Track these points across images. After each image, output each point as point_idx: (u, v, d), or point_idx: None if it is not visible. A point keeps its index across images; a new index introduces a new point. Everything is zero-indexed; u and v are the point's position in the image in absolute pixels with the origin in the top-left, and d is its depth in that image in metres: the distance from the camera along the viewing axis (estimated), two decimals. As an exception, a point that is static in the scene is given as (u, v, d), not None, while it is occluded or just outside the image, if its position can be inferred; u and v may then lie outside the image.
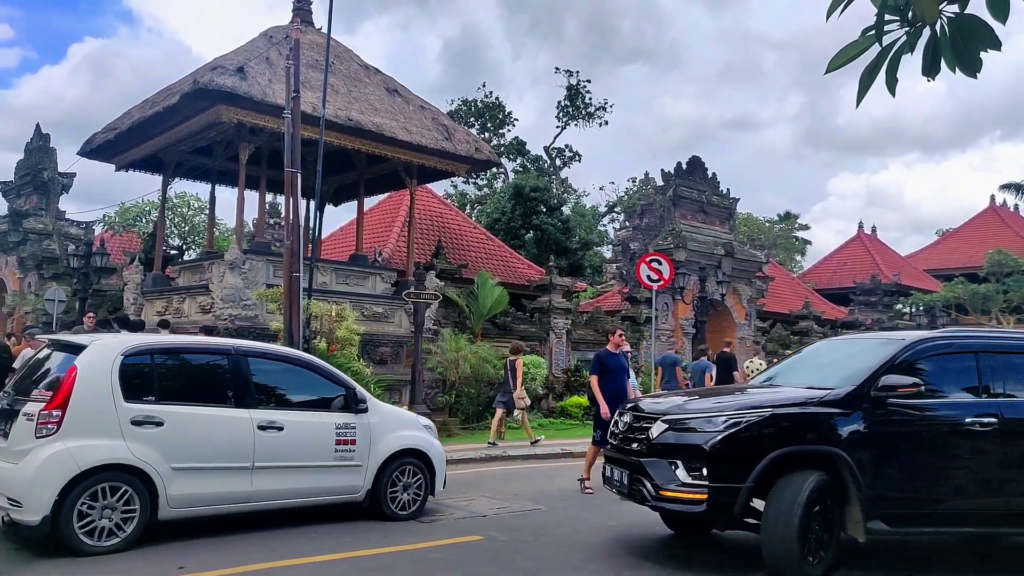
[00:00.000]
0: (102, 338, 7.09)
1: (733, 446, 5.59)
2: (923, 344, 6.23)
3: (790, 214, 57.21)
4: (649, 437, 6.01)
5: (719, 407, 5.98)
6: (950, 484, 5.90)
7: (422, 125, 17.93)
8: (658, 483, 5.80)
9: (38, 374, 6.73)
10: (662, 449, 5.89)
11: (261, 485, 6.87)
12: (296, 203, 11.85)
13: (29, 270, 22.82)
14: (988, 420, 5.91)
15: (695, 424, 5.85)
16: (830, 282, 41.20)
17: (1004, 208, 48.55)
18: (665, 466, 5.80)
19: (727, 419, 5.70)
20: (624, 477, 6.23)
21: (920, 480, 5.84)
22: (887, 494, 5.71)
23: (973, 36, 2.78)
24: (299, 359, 7.82)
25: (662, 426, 5.98)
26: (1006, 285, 35.60)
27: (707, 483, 5.57)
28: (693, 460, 5.66)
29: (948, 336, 6.50)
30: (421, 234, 22.49)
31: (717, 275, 25.25)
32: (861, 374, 5.96)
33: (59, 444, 5.99)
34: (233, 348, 7.21)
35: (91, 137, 18.29)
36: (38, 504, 5.86)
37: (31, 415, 6.12)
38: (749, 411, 5.76)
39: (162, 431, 6.38)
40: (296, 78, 11.92)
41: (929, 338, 6.37)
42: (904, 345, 6.19)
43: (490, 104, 45.94)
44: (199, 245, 28.03)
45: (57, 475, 5.93)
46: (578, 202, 46.81)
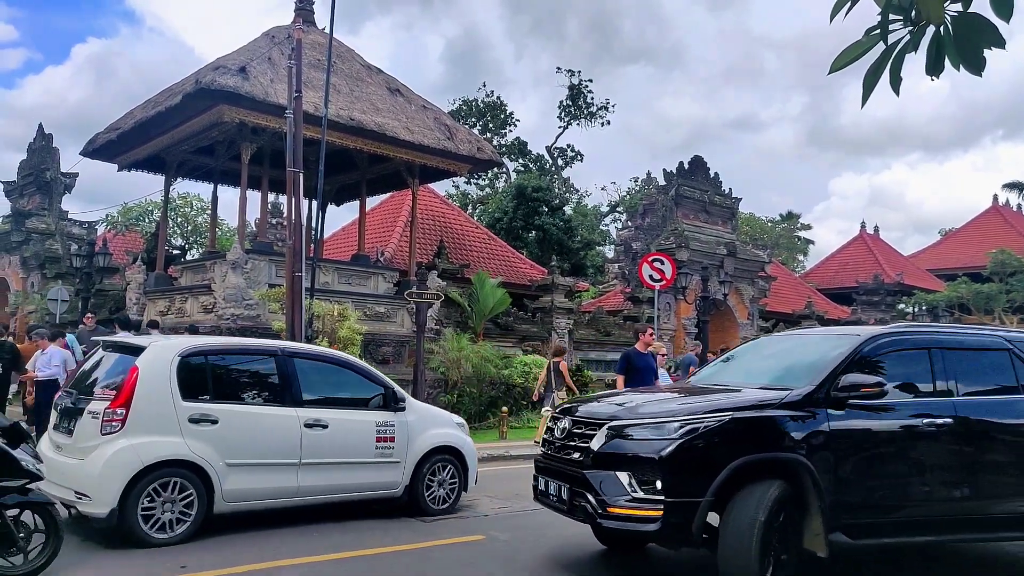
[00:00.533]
0: (160, 339, 7.49)
1: (690, 455, 5.04)
2: (879, 340, 5.87)
3: (792, 214, 57.20)
4: (594, 445, 5.38)
5: (673, 411, 5.36)
6: (911, 490, 5.60)
7: (424, 125, 17.93)
8: (604, 498, 5.18)
9: (97, 374, 6.97)
10: (608, 459, 5.26)
11: (307, 481, 7.10)
12: (298, 203, 11.85)
13: (32, 270, 22.85)
14: (943, 421, 5.62)
15: (646, 431, 5.23)
16: (832, 282, 41.14)
17: (1007, 207, 48.48)
18: (612, 479, 5.17)
19: (682, 425, 5.12)
20: (563, 491, 5.59)
21: (881, 487, 5.49)
22: (848, 503, 5.33)
23: (977, 34, 2.77)
24: (341, 359, 8.05)
25: (608, 433, 5.36)
26: (1009, 285, 35.54)
27: (662, 498, 4.98)
28: (645, 472, 5.07)
29: (901, 332, 6.15)
30: (423, 234, 22.50)
31: (719, 275, 25.22)
32: (818, 373, 5.54)
33: (124, 441, 6.26)
34: (280, 349, 7.48)
35: (93, 137, 18.31)
36: (106, 497, 6.12)
37: (96, 413, 6.38)
38: (707, 415, 5.18)
39: (217, 428, 6.63)
40: (298, 78, 11.93)
41: (884, 334, 5.98)
42: (861, 341, 5.81)
43: (492, 104, 45.94)
44: (201, 245, 28.06)
45: (123, 470, 6.21)
46: (580, 202, 46.79)
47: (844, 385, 5.39)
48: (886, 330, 6.11)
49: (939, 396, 5.75)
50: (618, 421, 5.40)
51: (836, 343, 5.98)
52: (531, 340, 20.63)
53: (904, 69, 2.95)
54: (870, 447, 5.51)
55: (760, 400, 5.42)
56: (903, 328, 6.34)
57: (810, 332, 7.66)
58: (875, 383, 5.42)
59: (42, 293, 21.11)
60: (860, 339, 5.84)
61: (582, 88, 46.14)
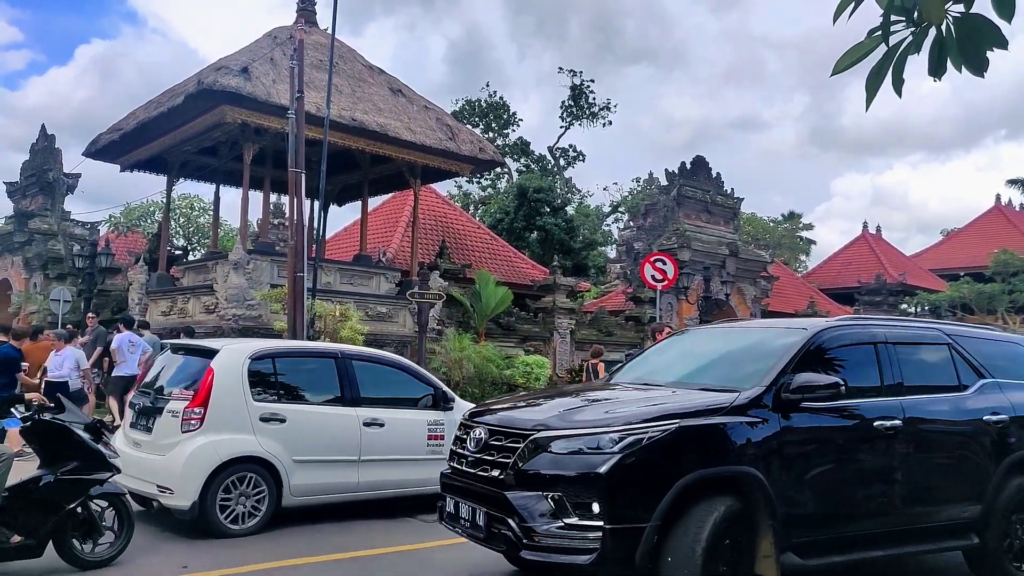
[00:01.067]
0: (231, 343, 7.93)
1: (633, 472, 4.33)
2: (829, 334, 5.37)
3: (794, 214, 57.13)
4: (518, 461, 4.58)
5: (611, 418, 4.59)
6: (864, 501, 5.14)
7: (426, 125, 17.94)
8: (530, 525, 4.37)
9: (171, 376, 7.41)
10: (534, 478, 4.48)
11: (366, 477, 7.48)
12: (300, 203, 11.87)
13: (34, 270, 22.88)
14: (894, 423, 5.18)
15: (580, 443, 4.45)
16: (835, 282, 41.09)
17: (1009, 207, 48.41)
18: (540, 501, 4.40)
19: (623, 435, 4.39)
20: (478, 515, 4.77)
21: (834, 499, 4.99)
22: (800, 519, 4.80)
23: (979, 35, 2.77)
24: (394, 361, 8.43)
25: (533, 445, 4.56)
26: (1012, 285, 35.50)
27: (600, 524, 4.24)
28: (580, 493, 4.32)
29: (850, 324, 5.70)
30: (425, 234, 22.50)
31: (721, 275, 25.20)
32: (767, 372, 4.95)
33: (202, 438, 6.64)
34: (339, 352, 7.90)
35: (96, 138, 18.34)
36: (188, 491, 6.50)
37: (176, 412, 6.80)
38: (651, 424, 4.45)
39: (285, 427, 7.01)
40: (300, 78, 11.94)
41: (834, 327, 5.50)
42: (810, 335, 5.26)
43: (494, 104, 45.96)
44: (203, 245, 28.09)
45: (203, 465, 6.57)
46: (582, 202, 46.81)
47: (797, 386, 4.81)
48: (835, 323, 5.65)
49: (889, 395, 5.34)
50: (546, 431, 4.58)
51: (783, 337, 5.39)
52: (533, 340, 20.62)
53: (906, 70, 2.95)
54: (825, 455, 5.00)
55: (708, 405, 4.73)
56: (851, 320, 5.89)
57: (751, 324, 7.16)
58: (831, 383, 4.83)
59: (44, 294, 21.14)
60: (809, 333, 5.29)
61: (584, 88, 46.18)
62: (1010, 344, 6.56)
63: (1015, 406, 5.84)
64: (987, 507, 5.55)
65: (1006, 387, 5.97)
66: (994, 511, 5.58)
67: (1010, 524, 5.72)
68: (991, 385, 5.89)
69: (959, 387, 5.76)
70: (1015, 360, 6.35)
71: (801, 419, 4.85)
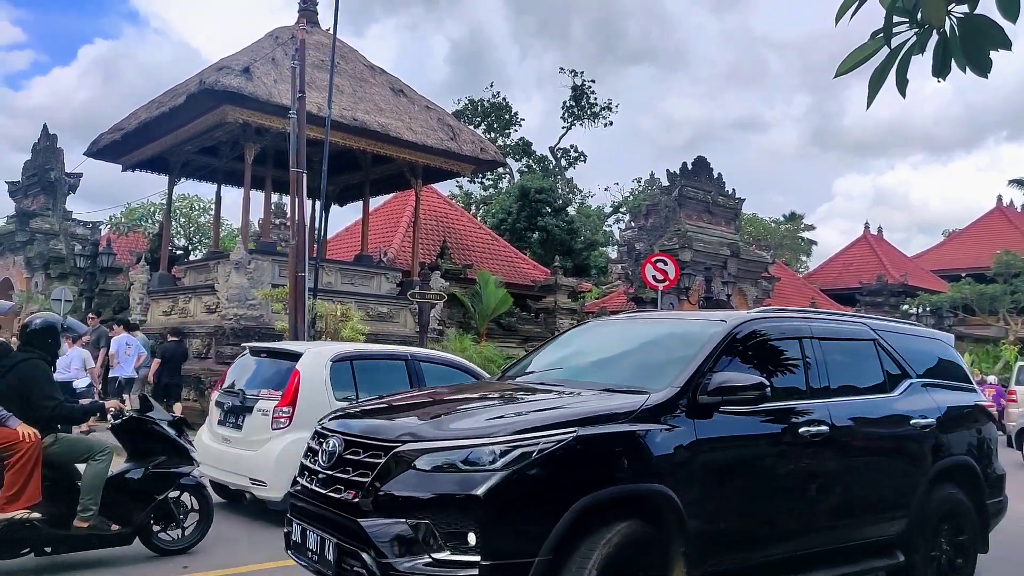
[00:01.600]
0: (312, 347, 8.31)
1: (521, 493, 3.54)
2: (750, 327, 4.73)
3: (796, 215, 57.09)
4: (376, 479, 3.70)
5: (495, 427, 3.72)
6: (789, 519, 4.55)
7: (427, 125, 17.93)
8: (390, 561, 3.53)
9: (257, 377, 7.82)
10: (399, 501, 3.61)
11: None
12: (302, 203, 11.86)
13: (36, 270, 22.89)
14: (821, 428, 4.59)
15: (457, 455, 3.59)
16: (836, 283, 41.07)
17: (1011, 208, 48.40)
18: (403, 531, 3.54)
19: (508, 448, 3.56)
20: (328, 547, 3.87)
21: (756, 518, 4.38)
22: (717, 544, 4.16)
23: (983, 36, 2.76)
24: (456, 363, 8.73)
25: (399, 460, 3.69)
26: (1013, 286, 35.48)
27: (477, 559, 3.43)
28: (453, 520, 3.49)
29: (774, 317, 5.05)
30: (426, 234, 22.50)
31: (723, 275, 25.20)
32: (681, 371, 4.26)
33: (292, 435, 6.94)
34: (409, 355, 8.34)
35: (98, 138, 18.35)
36: (280, 484, 6.55)
37: (266, 411, 7.23)
38: (542, 433, 3.63)
39: None
40: (302, 78, 11.94)
41: (756, 319, 4.86)
42: (729, 329, 4.59)
43: (496, 104, 45.97)
44: (205, 245, 28.10)
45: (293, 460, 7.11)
46: (583, 202, 46.84)
47: (715, 387, 4.14)
48: (757, 315, 4.98)
49: (816, 398, 4.74)
50: (412, 442, 3.73)
51: (699, 331, 4.70)
52: (534, 341, 20.62)
53: (909, 70, 2.95)
54: (746, 468, 4.36)
55: (611, 409, 3.96)
56: (774, 312, 5.22)
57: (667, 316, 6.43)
58: (755, 384, 4.15)
59: (46, 293, 21.15)
60: (728, 326, 4.62)
61: (585, 89, 46.19)
62: (933, 340, 6.13)
63: (942, 408, 5.41)
64: (913, 520, 5.06)
65: (932, 387, 5.52)
66: (920, 525, 5.10)
67: (936, 538, 5.24)
68: (918, 386, 5.43)
69: (886, 388, 5.24)
70: (939, 358, 5.96)
71: (719, 426, 4.16)
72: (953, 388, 5.73)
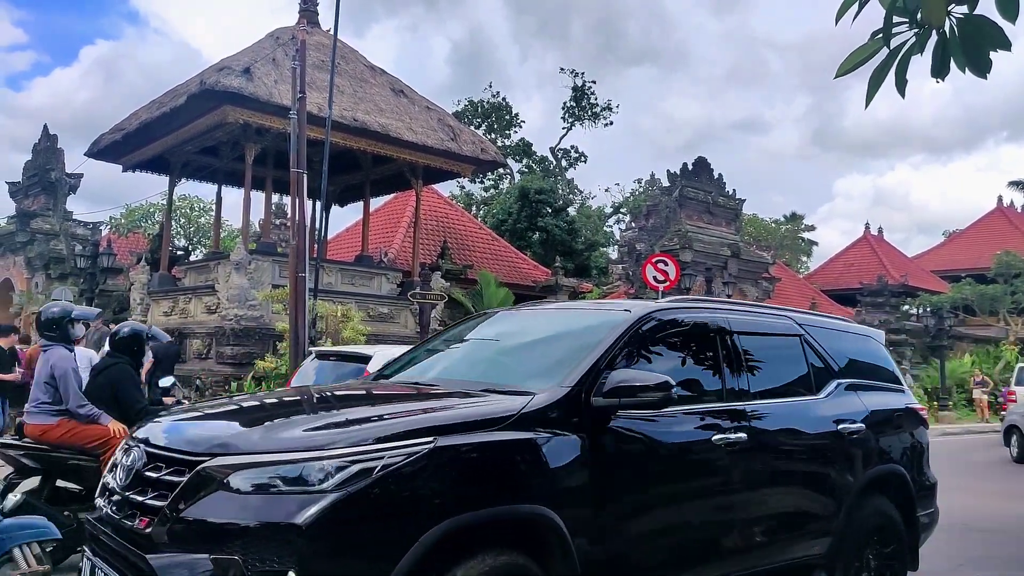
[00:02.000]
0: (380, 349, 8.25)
1: (358, 520, 2.79)
2: (656, 319, 4.03)
3: (796, 215, 57.08)
4: (177, 502, 2.89)
5: (331, 437, 2.94)
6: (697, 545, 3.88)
7: (427, 125, 17.94)
8: None
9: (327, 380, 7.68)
10: (200, 531, 2.81)
11: None
12: (302, 203, 11.86)
13: (36, 270, 22.90)
14: (737, 437, 3.95)
15: (277, 472, 2.83)
16: (837, 283, 41.06)
17: (1011, 209, 48.42)
18: (204, 569, 2.73)
19: (347, 461, 2.82)
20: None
21: (659, 545, 3.70)
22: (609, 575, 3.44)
23: (983, 37, 2.76)
24: None
25: (205, 478, 2.89)
26: (1014, 286, 35.49)
27: None
28: (271, 556, 2.70)
29: (685, 307, 4.37)
30: (426, 235, 22.51)
31: (723, 276, 25.19)
32: (573, 368, 3.56)
33: None
34: None
35: (98, 138, 18.37)
36: None
37: None
38: (388, 444, 2.89)
39: None
40: (302, 79, 11.94)
41: (664, 309, 4.19)
42: (633, 321, 3.91)
43: (496, 105, 45.96)
44: (205, 245, 28.11)
45: None
46: (584, 203, 46.81)
47: (612, 387, 3.45)
48: (668, 304, 4.34)
49: (733, 400, 4.12)
50: (224, 456, 2.91)
51: (601, 323, 4.05)
52: (534, 341, 20.63)
53: (909, 70, 2.95)
54: (648, 485, 3.65)
55: (481, 414, 3.22)
56: (689, 302, 4.62)
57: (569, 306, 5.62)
58: (659, 384, 3.45)
59: (46, 293, 21.16)
60: (634, 316, 3.96)
61: (586, 89, 46.18)
62: (862, 338, 5.55)
63: (872, 412, 4.86)
64: (838, 538, 4.49)
65: (861, 389, 4.97)
66: (846, 543, 4.52)
67: (863, 556, 4.69)
68: (846, 387, 4.86)
69: (812, 389, 4.66)
70: (868, 356, 5.39)
71: (617, 434, 3.49)
72: (882, 389, 5.23)
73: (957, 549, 6.90)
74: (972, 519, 8.25)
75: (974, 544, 7.13)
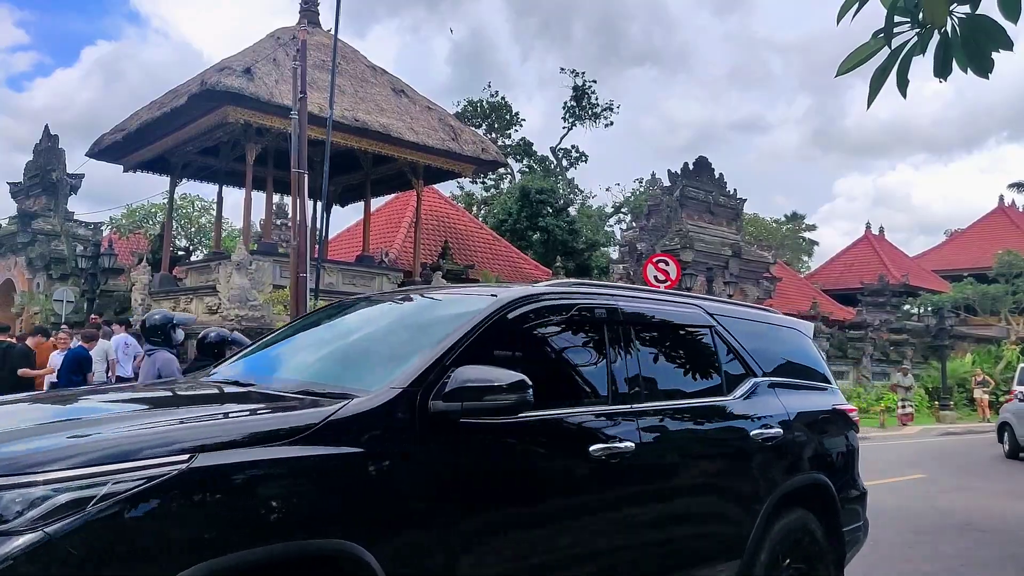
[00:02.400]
0: None
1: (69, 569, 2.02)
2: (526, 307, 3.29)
3: (797, 215, 57.16)
4: None
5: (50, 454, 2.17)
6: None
7: (428, 125, 17.94)
8: None
9: None
10: None
11: None
12: (303, 203, 11.86)
13: (38, 271, 22.91)
14: (623, 447, 3.26)
15: None
16: (838, 283, 41.07)
17: (1012, 208, 48.41)
18: None
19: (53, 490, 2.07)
20: None
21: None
22: None
23: (985, 36, 2.76)
24: None
25: None
26: (1016, 286, 35.50)
27: None
28: None
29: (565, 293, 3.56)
30: (427, 235, 22.51)
31: (724, 275, 25.19)
32: (410, 363, 2.89)
33: None
34: None
35: (99, 138, 18.38)
36: None
37: None
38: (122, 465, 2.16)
39: None
40: (303, 79, 11.94)
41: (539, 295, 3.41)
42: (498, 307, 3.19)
43: (496, 104, 45.96)
44: (206, 246, 28.12)
45: None
46: (584, 203, 46.79)
47: (454, 388, 2.76)
48: (542, 289, 3.55)
49: (619, 403, 3.42)
50: None
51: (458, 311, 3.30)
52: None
53: (910, 71, 2.95)
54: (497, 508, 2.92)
55: (268, 424, 2.54)
56: (569, 287, 3.69)
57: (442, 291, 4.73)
58: (512, 385, 2.78)
59: (47, 294, 21.17)
60: (496, 304, 3.22)
61: (587, 89, 46.16)
62: (786, 330, 4.88)
63: (791, 414, 4.26)
64: (749, 560, 3.86)
65: (782, 389, 4.37)
66: (758, 566, 3.90)
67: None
68: (764, 386, 4.25)
69: (722, 390, 4.03)
70: (793, 351, 4.76)
71: (461, 446, 2.83)
72: (807, 388, 4.66)
73: (958, 549, 6.89)
74: (973, 519, 8.25)
75: (975, 544, 7.13)
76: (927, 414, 25.00)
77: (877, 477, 11.46)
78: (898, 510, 8.49)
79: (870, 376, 28.38)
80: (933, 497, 9.68)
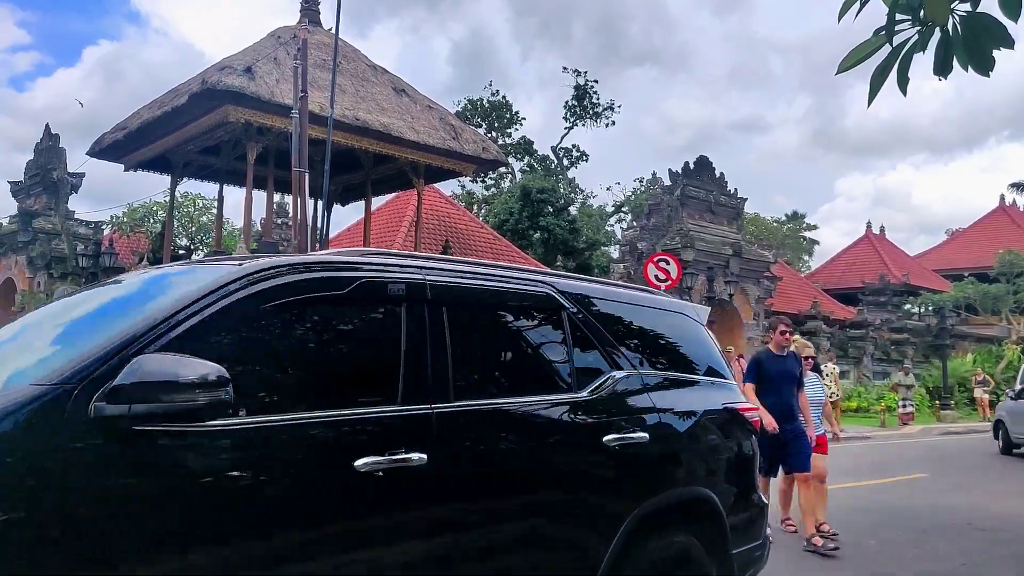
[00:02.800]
0: None
1: None
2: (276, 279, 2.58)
3: (798, 214, 57.11)
4: None
5: None
6: None
7: (429, 125, 17.95)
8: None
9: None
10: None
11: None
12: (304, 203, 11.88)
13: (38, 270, 22.92)
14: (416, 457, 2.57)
15: None
16: (839, 282, 41.05)
17: (1013, 208, 48.39)
18: None
19: None
20: None
21: None
22: None
23: (986, 35, 2.76)
24: None
25: None
26: (1016, 285, 35.48)
27: None
28: None
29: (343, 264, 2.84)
30: (428, 234, 22.51)
31: (725, 275, 25.18)
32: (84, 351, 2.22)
33: None
34: None
35: (100, 137, 18.38)
36: None
37: None
38: None
39: None
40: (304, 78, 11.95)
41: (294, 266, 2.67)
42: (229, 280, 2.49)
43: (497, 104, 45.97)
44: (207, 245, 28.12)
45: None
46: (585, 202, 46.78)
47: (121, 385, 2.07)
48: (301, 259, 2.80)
49: (416, 401, 2.72)
50: None
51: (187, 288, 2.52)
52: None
53: (911, 69, 2.95)
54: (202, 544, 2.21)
55: None
56: (350, 257, 2.96)
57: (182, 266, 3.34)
58: (199, 380, 2.12)
59: (48, 293, 21.18)
60: (230, 276, 2.52)
61: (588, 89, 46.15)
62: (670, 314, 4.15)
63: (665, 416, 3.56)
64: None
65: (655, 385, 3.63)
66: None
67: None
68: (628, 382, 3.50)
69: (570, 385, 3.31)
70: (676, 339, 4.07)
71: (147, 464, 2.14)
72: (692, 384, 3.90)
73: (958, 549, 6.89)
74: (974, 518, 8.25)
75: (975, 543, 7.13)
76: (928, 414, 24.99)
77: (878, 476, 11.48)
78: (899, 509, 8.49)
79: (871, 375, 28.39)
80: (934, 496, 9.68)
